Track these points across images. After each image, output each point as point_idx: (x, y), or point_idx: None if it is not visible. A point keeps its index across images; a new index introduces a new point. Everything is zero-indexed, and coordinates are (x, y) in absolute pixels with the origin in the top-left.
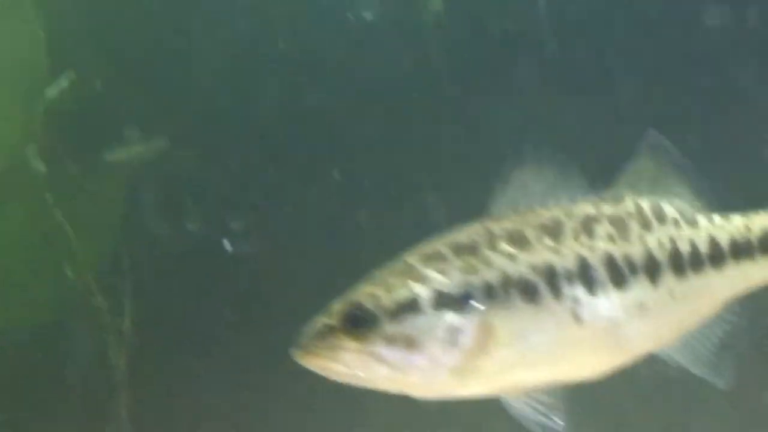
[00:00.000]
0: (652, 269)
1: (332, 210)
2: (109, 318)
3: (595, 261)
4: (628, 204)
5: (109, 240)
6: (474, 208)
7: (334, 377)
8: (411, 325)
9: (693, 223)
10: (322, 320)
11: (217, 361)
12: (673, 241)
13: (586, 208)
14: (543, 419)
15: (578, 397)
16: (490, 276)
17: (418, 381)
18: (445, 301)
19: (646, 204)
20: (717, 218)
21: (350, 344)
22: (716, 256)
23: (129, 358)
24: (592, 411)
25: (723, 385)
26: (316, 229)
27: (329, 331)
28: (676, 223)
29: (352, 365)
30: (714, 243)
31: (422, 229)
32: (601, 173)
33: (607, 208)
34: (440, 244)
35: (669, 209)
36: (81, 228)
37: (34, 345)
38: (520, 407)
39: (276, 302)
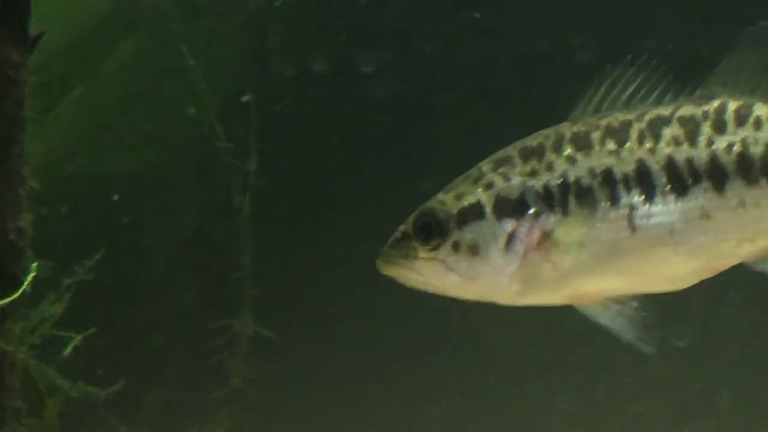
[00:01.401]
0: (717, 175)
1: None
2: (233, 161)
3: (655, 166)
4: (710, 104)
5: (235, 78)
6: None
7: (412, 286)
8: (475, 231)
9: None
10: (400, 229)
11: (341, 210)
12: (746, 144)
13: (660, 109)
14: (616, 326)
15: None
16: (549, 181)
17: (485, 288)
18: (504, 207)
19: (732, 104)
20: None
21: (422, 252)
22: None
23: (253, 203)
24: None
25: None
26: None
27: (405, 239)
28: (757, 124)
29: (426, 273)
30: None
31: None
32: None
33: (684, 110)
34: (512, 149)
35: (759, 109)
36: (203, 62)
37: (156, 187)
38: (593, 314)
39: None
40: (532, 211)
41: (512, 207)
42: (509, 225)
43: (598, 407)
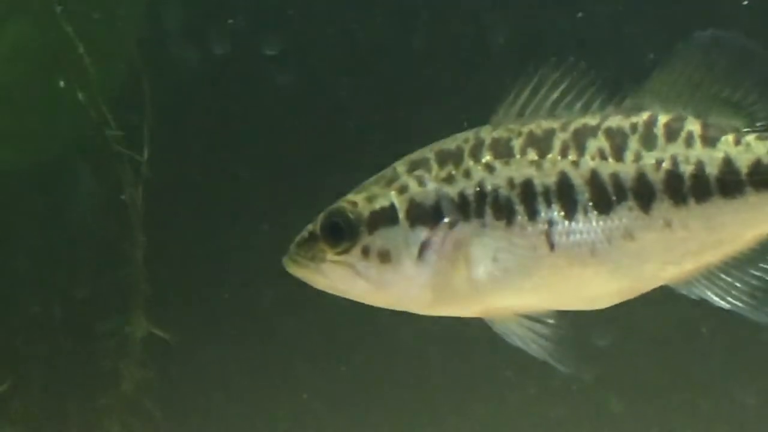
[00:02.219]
0: (644, 193)
1: None
2: (125, 150)
3: (578, 180)
4: (639, 116)
5: (127, 62)
6: None
7: (318, 287)
8: (386, 237)
9: (712, 142)
10: (308, 228)
11: (240, 200)
12: (675, 162)
13: (587, 119)
14: (530, 345)
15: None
16: (466, 188)
17: (394, 296)
18: (419, 213)
19: (662, 117)
20: (751, 138)
21: (330, 255)
22: (730, 182)
23: (146, 195)
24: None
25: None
26: None
27: (312, 240)
28: (688, 141)
29: (333, 277)
30: (729, 167)
31: None
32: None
33: (610, 121)
34: (429, 151)
35: (691, 124)
36: (95, 47)
37: (40, 180)
38: (507, 331)
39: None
40: (447, 219)
41: (427, 214)
42: (423, 233)
43: (512, 413)
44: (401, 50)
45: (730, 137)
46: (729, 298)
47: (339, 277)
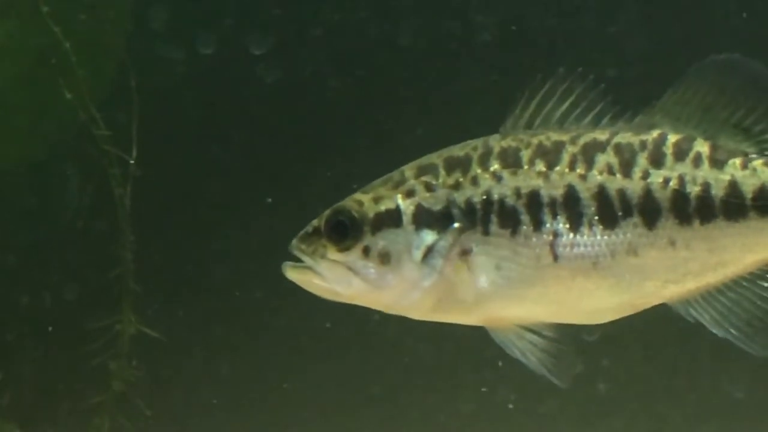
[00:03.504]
0: (649, 211)
1: None
2: (113, 149)
3: (585, 193)
4: (649, 134)
5: (115, 62)
6: None
7: (315, 292)
8: (388, 239)
9: (720, 165)
10: (313, 223)
11: (229, 199)
12: (682, 182)
13: (597, 134)
14: (529, 358)
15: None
16: (472, 196)
17: (393, 299)
18: (426, 218)
19: (672, 137)
20: (758, 162)
21: (331, 253)
22: (734, 205)
23: (134, 194)
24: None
25: (758, 351)
26: None
27: (316, 235)
28: (696, 161)
29: (330, 277)
30: (734, 190)
31: None
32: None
33: (620, 137)
34: (437, 157)
35: (700, 145)
36: (83, 47)
37: (29, 180)
38: (506, 343)
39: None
40: (456, 226)
41: (434, 219)
42: (429, 237)
43: (501, 406)
44: (387, 49)
45: (737, 161)
46: (725, 325)
47: (336, 277)
